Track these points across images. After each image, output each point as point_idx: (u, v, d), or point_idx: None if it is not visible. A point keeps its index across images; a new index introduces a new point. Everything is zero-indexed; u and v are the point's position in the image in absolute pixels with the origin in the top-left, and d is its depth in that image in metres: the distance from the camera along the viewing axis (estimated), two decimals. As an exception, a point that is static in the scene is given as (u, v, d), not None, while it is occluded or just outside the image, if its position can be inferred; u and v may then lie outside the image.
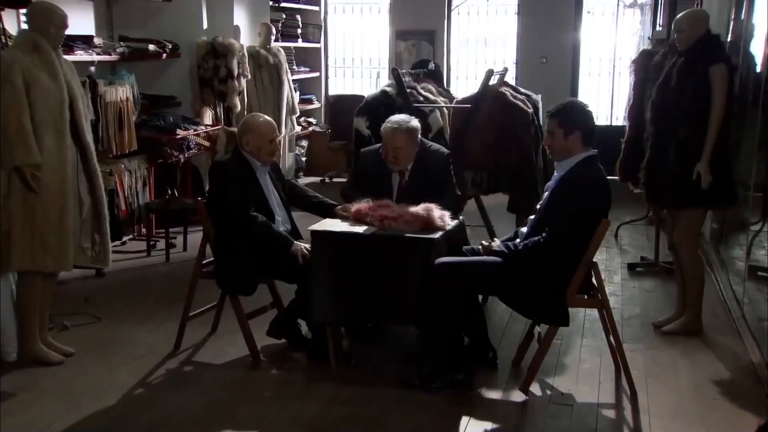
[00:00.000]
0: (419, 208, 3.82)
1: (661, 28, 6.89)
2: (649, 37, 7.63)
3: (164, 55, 6.63)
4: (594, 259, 3.54)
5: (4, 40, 4.44)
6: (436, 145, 4.38)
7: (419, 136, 4.21)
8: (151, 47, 6.43)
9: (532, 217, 3.74)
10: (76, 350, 4.02)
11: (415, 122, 4.20)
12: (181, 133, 6.36)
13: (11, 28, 4.66)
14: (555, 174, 3.70)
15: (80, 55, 5.50)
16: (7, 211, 3.65)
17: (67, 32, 3.87)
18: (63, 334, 4.25)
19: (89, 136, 3.93)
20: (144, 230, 6.30)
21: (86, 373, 3.80)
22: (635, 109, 5.09)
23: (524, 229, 3.75)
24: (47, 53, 3.68)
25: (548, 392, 3.67)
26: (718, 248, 5.51)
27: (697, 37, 4.13)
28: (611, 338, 3.74)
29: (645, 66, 5.10)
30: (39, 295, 3.86)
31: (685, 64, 4.12)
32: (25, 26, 4.05)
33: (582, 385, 3.74)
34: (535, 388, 3.65)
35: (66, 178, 3.76)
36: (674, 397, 3.61)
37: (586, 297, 3.69)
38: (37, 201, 3.67)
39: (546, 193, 3.73)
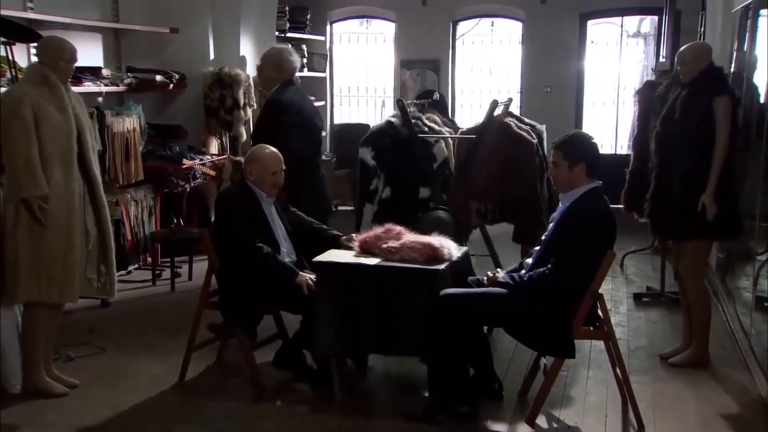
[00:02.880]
0: (432, 238, 3.82)
1: (664, 59, 6.93)
2: (652, 68, 7.69)
3: (171, 85, 6.70)
4: (599, 290, 3.53)
5: (14, 74, 4.49)
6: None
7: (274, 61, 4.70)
8: (158, 78, 6.49)
9: (537, 248, 3.74)
10: (81, 381, 4.01)
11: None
12: (187, 162, 6.39)
13: (22, 61, 4.71)
14: (560, 205, 3.71)
15: (88, 87, 5.57)
16: (14, 242, 3.67)
17: (76, 64, 3.91)
18: (67, 365, 4.23)
19: (96, 168, 3.96)
20: (149, 259, 6.31)
21: (90, 405, 3.79)
22: (639, 140, 5.11)
23: (529, 260, 3.75)
24: (56, 87, 3.73)
25: (554, 425, 3.64)
26: (724, 279, 5.49)
27: (700, 70, 4.16)
28: (618, 370, 3.72)
29: (649, 97, 5.13)
30: (44, 327, 3.86)
31: (688, 96, 4.15)
32: (35, 59, 4.10)
33: (588, 417, 3.71)
34: (541, 421, 3.62)
35: (73, 210, 3.78)
36: (682, 431, 3.58)
37: (592, 329, 3.68)
38: (43, 233, 3.69)
39: (551, 225, 3.73)
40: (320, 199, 4.82)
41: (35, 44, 4.14)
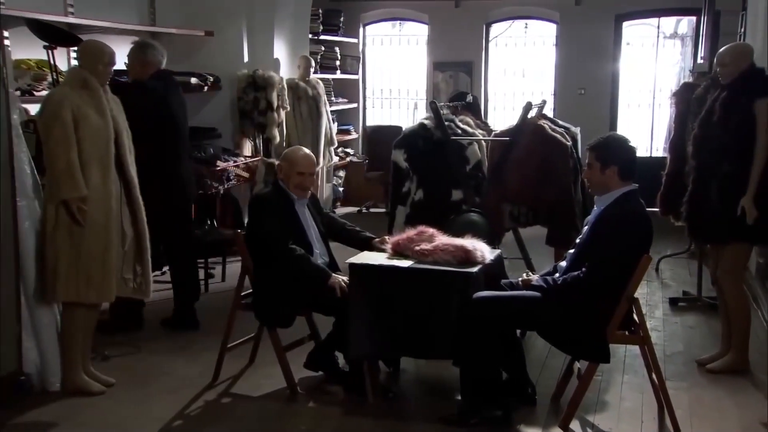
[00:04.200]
0: (465, 240, 3.81)
1: (702, 61, 6.82)
2: (690, 70, 7.56)
3: (206, 87, 6.76)
4: (635, 294, 3.48)
5: (55, 77, 4.57)
6: None
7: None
8: (193, 80, 6.56)
9: (572, 251, 3.71)
10: (116, 381, 4.07)
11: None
12: (221, 164, 6.45)
13: (62, 65, 4.80)
14: (595, 208, 3.67)
15: (125, 89, 5.63)
16: (54, 244, 3.74)
17: (114, 67, 3.97)
18: (103, 364, 4.30)
19: (133, 170, 4.01)
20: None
21: (126, 405, 3.84)
22: (676, 143, 5.03)
23: (563, 264, 3.72)
24: (95, 90, 3.79)
25: (589, 430, 3.60)
26: (764, 283, 5.38)
27: (740, 71, 4.09)
28: (653, 376, 3.66)
29: (686, 99, 5.04)
30: (82, 326, 3.92)
31: (728, 98, 4.08)
32: (75, 63, 4.17)
33: (624, 423, 3.67)
34: (575, 426, 3.59)
35: (110, 211, 3.84)
36: (720, 439, 3.52)
37: (627, 333, 3.63)
38: (82, 234, 3.75)
39: (585, 228, 3.70)
40: (173, 189, 4.91)
41: (75, 48, 4.21)
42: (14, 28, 4.54)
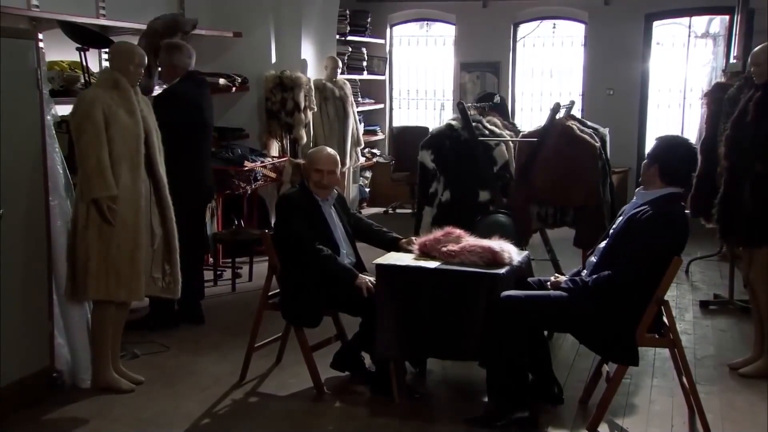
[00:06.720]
0: (492, 241, 3.79)
1: (735, 61, 6.72)
2: (723, 69, 7.46)
3: (234, 88, 6.81)
4: (664, 297, 3.44)
5: (87, 78, 4.64)
6: None
7: None
8: (222, 81, 6.61)
9: (603, 243, 3.67)
10: (146, 379, 4.11)
11: None
12: (248, 164, 6.49)
13: (94, 66, 4.87)
14: (634, 199, 3.64)
15: (155, 90, 5.69)
16: (84, 242, 3.78)
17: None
18: (133, 363, 4.34)
19: (162, 170, 4.05)
20: (211, 260, 6.42)
21: (155, 402, 3.87)
22: (708, 143, 4.96)
23: (593, 259, 3.69)
24: (126, 90, 3.84)
25: (617, 433, 3.57)
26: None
27: (774, 71, 4.02)
28: (684, 379, 3.61)
29: (718, 99, 4.96)
30: (111, 324, 3.97)
31: (762, 98, 4.02)
32: (106, 64, 4.22)
33: (653, 427, 3.63)
34: (603, 429, 3.56)
35: (139, 210, 3.88)
36: (753, 444, 3.47)
37: (656, 336, 3.59)
38: (112, 233, 3.79)
39: (620, 218, 3.66)
40: (194, 184, 4.92)
41: (107, 50, 4.27)
42: (48, 30, 4.62)
